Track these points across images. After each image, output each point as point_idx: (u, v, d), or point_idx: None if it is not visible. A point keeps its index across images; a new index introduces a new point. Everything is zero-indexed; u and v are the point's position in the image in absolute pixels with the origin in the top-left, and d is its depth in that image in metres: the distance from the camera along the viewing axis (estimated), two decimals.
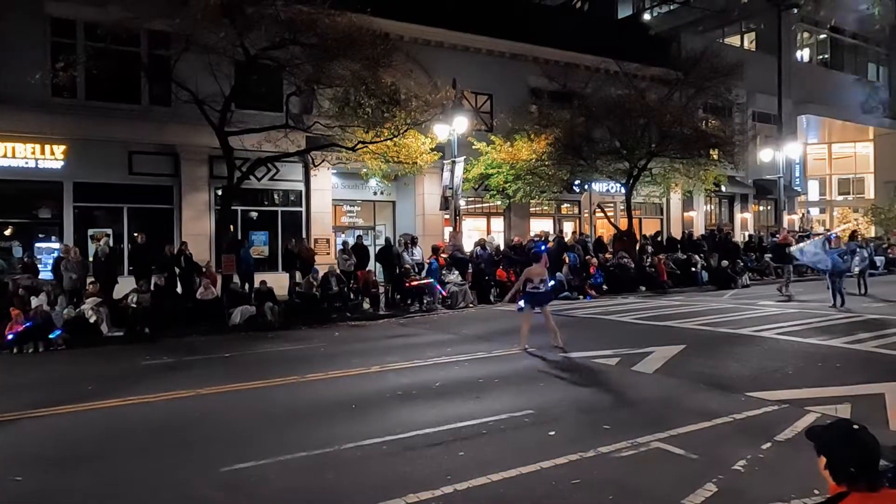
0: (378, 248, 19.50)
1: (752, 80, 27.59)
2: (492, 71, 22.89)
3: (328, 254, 19.42)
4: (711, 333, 11.70)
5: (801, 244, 16.83)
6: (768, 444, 5.64)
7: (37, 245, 16.67)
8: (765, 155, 28.13)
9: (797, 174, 33.14)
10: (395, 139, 16.59)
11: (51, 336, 12.08)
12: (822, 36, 36.17)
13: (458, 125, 18.43)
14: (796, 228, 29.50)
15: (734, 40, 33.91)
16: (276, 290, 15.63)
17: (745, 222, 31.24)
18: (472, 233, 22.83)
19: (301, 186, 20.08)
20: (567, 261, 19.31)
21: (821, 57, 36.50)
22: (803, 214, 31.96)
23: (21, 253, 15.90)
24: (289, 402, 7.70)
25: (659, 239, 24.10)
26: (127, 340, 12.80)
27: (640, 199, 25.56)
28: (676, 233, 26.32)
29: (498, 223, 24.21)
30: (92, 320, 12.78)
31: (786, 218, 29.62)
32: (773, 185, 28.28)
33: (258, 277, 16.20)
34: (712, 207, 30.73)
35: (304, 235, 19.44)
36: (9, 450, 6.14)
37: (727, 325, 12.56)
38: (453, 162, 18.59)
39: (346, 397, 7.72)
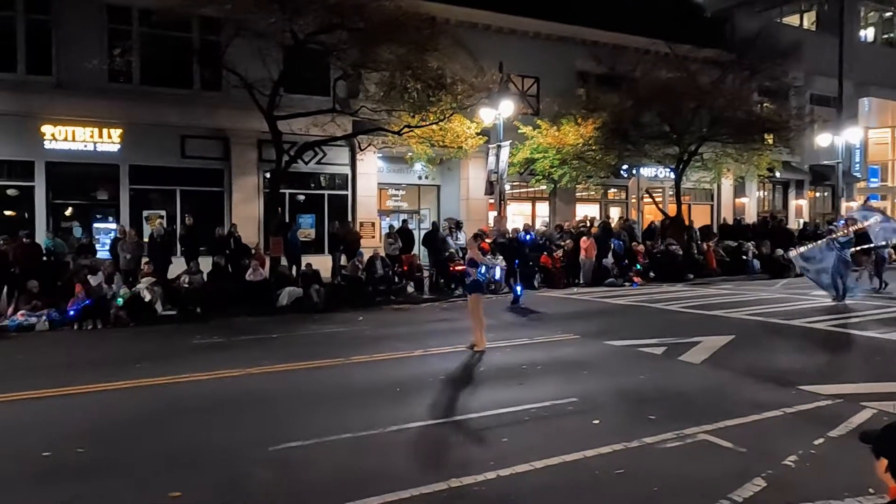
0: (423, 232, 19.58)
1: (811, 61, 26.53)
2: (538, 54, 22.59)
3: (373, 237, 19.60)
4: (762, 324, 11.42)
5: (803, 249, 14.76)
6: (821, 440, 5.49)
7: (95, 226, 17.31)
8: (823, 140, 26.98)
9: (857, 160, 31.73)
10: (440, 123, 16.60)
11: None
12: (889, 14, 34.42)
13: (503, 109, 18.27)
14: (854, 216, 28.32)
15: (793, 20, 32.55)
16: (323, 272, 15.88)
17: (799, 209, 30.19)
18: (517, 217, 22.71)
19: (347, 170, 20.28)
20: (612, 247, 19.09)
21: (886, 36, 34.77)
22: (865, 201, 30.64)
23: (80, 233, 16.53)
24: (334, 384, 7.84)
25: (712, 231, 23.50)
26: (179, 319, 13.22)
27: (689, 185, 24.93)
28: (728, 219, 25.64)
29: (543, 208, 24.02)
30: (147, 299, 13.23)
31: (843, 205, 28.50)
32: (830, 171, 27.23)
33: (305, 260, 16.49)
34: (765, 194, 29.79)
35: (349, 219, 19.66)
36: (70, 423, 6.42)
37: (778, 315, 12.24)
38: (499, 146, 18.46)
39: (390, 380, 7.82)
